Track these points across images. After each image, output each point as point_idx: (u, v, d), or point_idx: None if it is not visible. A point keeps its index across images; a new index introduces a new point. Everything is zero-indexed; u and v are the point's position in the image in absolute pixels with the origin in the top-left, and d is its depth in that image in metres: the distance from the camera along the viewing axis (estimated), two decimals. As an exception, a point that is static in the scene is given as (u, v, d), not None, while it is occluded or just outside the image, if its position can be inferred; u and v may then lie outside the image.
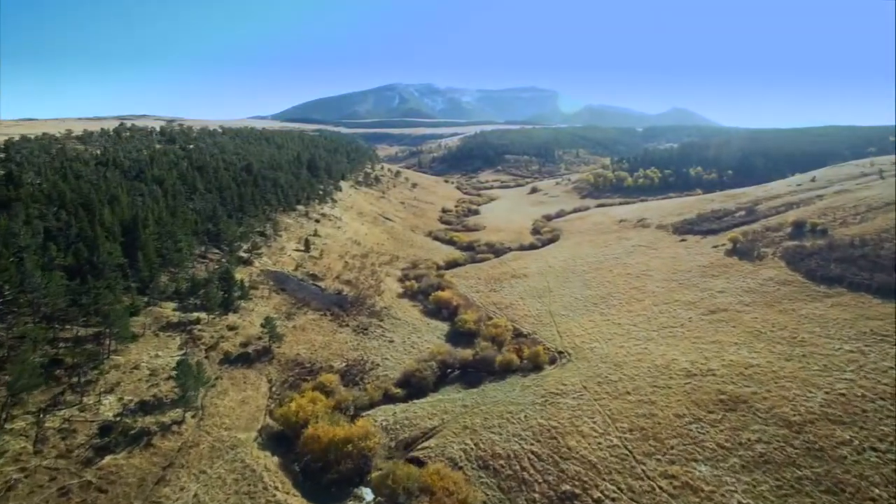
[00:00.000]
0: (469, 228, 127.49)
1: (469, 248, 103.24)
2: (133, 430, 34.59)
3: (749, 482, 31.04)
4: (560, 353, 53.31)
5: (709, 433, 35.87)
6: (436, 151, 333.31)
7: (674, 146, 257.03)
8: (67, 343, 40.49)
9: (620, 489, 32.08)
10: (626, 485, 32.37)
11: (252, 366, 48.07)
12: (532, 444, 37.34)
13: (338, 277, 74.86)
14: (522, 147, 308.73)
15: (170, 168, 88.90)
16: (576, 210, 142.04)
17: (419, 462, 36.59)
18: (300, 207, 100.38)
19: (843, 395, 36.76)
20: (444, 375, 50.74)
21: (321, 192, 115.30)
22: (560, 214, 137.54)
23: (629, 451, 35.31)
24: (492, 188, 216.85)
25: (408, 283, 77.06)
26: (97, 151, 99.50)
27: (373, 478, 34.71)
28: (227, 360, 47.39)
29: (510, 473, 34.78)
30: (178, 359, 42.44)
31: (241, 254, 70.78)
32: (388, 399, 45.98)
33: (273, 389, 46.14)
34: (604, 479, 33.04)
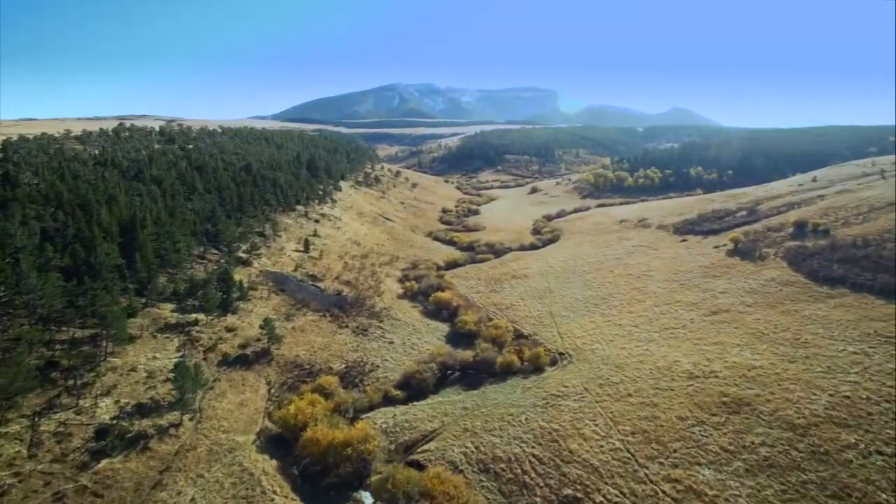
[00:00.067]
0: (469, 228, 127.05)
1: (469, 249, 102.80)
2: (130, 434, 34.21)
3: (753, 486, 30.64)
4: (561, 355, 52.92)
5: (712, 436, 35.47)
6: (436, 151, 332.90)
7: (674, 146, 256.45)
8: (63, 345, 40.07)
9: (623, 493, 31.68)
10: (629, 489, 31.97)
11: (251, 368, 47.68)
12: (533, 447, 36.94)
13: (337, 278, 74.46)
14: (522, 147, 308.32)
15: (168, 168, 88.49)
16: (576, 210, 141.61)
17: (419, 465, 36.19)
18: (300, 208, 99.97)
19: (848, 398, 36.37)
20: (445, 377, 50.34)
21: (321, 193, 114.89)
22: (560, 214, 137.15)
23: (631, 455, 34.92)
24: (492, 188, 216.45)
25: (408, 284, 76.67)
26: (95, 151, 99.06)
27: (372, 482, 34.33)
28: (226, 362, 46.99)
29: (511, 477, 34.38)
30: (176, 361, 42.08)
31: (240, 254, 70.37)
32: (388, 401, 45.61)
33: (272, 391, 45.76)
34: (606, 484, 32.65)
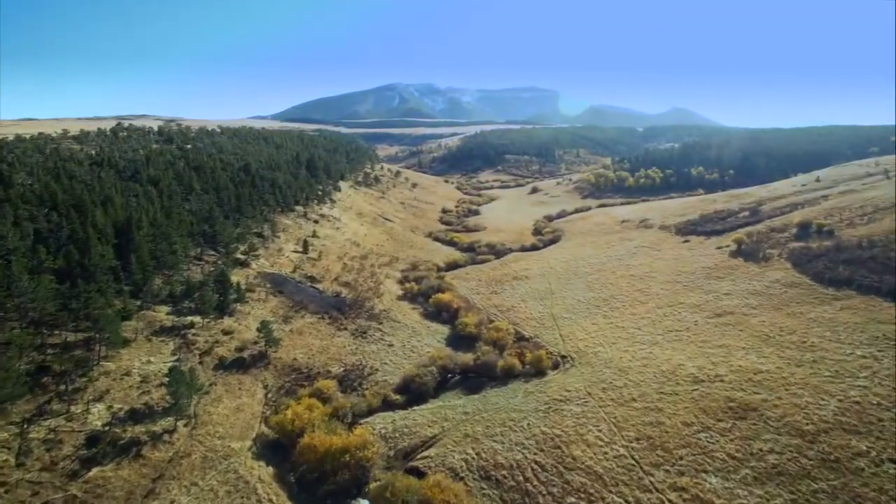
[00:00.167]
0: (469, 229, 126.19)
1: (469, 249, 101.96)
2: (122, 441, 33.37)
3: (762, 495, 29.79)
4: (563, 358, 52.08)
5: (719, 443, 34.64)
6: (436, 151, 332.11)
7: (675, 146, 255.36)
8: (55, 349, 39.21)
9: (628, 502, 30.85)
10: (634, 497, 31.13)
11: (247, 371, 46.84)
12: (536, 454, 36.11)
13: (336, 279, 73.62)
14: (523, 147, 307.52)
15: (166, 168, 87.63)
16: (577, 210, 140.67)
17: (419, 472, 35.35)
18: (298, 208, 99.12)
19: (858, 403, 35.52)
20: (445, 381, 49.51)
21: (320, 193, 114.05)
22: (561, 215, 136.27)
23: (636, 462, 34.08)
24: (492, 188, 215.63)
25: (407, 285, 75.87)
26: (92, 151, 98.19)
27: (371, 489, 33.50)
28: (222, 366, 46.14)
29: (513, 485, 33.54)
30: (171, 365, 41.22)
31: (238, 255, 69.51)
32: (387, 406, 44.78)
33: (269, 396, 44.92)
34: (610, 492, 31.81)
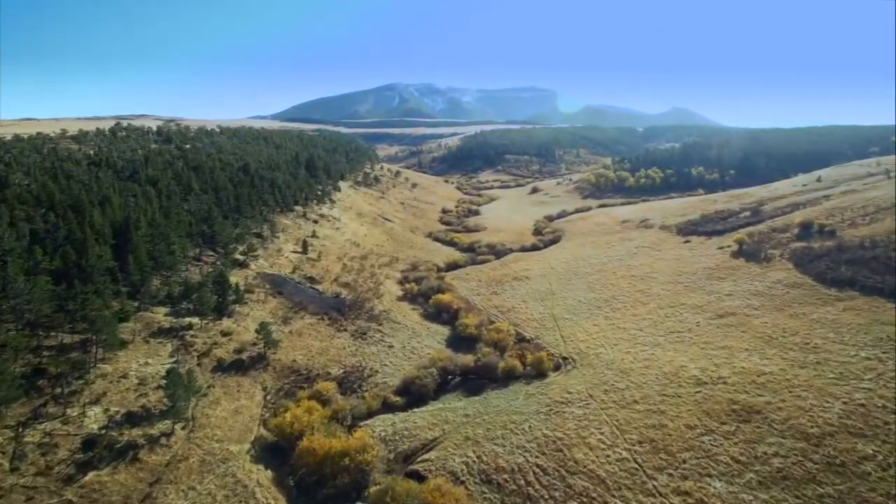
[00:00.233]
0: (469, 229, 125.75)
1: (470, 250, 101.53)
2: (119, 444, 32.96)
3: (767, 500, 29.41)
4: (564, 360, 51.69)
5: (722, 446, 34.26)
6: (436, 151, 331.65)
7: (675, 146, 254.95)
8: (51, 351, 38.81)
9: (631, 507, 30.47)
10: (637, 502, 30.74)
11: (246, 373, 46.44)
12: (537, 457, 35.72)
13: (336, 280, 73.22)
14: (523, 147, 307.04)
15: (164, 168, 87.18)
16: (577, 210, 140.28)
17: (419, 476, 34.96)
18: (298, 208, 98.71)
19: (863, 406, 35.16)
20: (445, 382, 49.10)
21: (319, 193, 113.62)
22: (562, 215, 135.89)
23: (639, 465, 33.70)
24: (492, 188, 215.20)
25: (407, 286, 75.46)
26: (90, 151, 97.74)
27: (370, 493, 33.05)
28: (221, 368, 45.72)
29: (514, 489, 33.15)
30: (169, 367, 40.81)
31: (237, 256, 69.11)
32: (387, 408, 44.35)
33: (268, 398, 44.53)
34: (613, 496, 31.43)
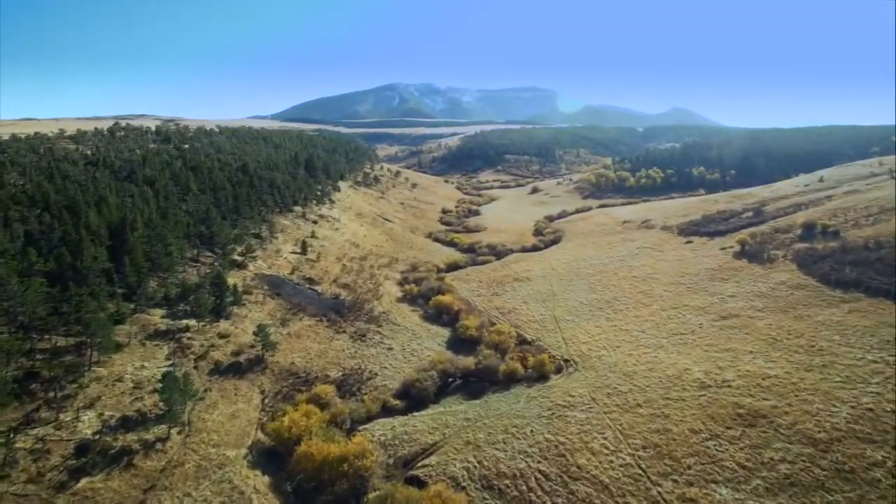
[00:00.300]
0: (470, 229, 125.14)
1: (470, 250, 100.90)
2: (113, 450, 32.31)
3: (775, 507, 28.82)
4: (566, 362, 51.09)
5: (728, 451, 33.65)
6: (436, 151, 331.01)
7: (675, 146, 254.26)
8: (45, 354, 38.16)
9: (635, 514, 29.88)
10: (642, 509, 30.14)
11: (244, 376, 45.79)
12: (539, 462, 35.12)
13: (335, 281, 72.59)
14: (523, 147, 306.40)
15: (163, 168, 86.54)
16: (578, 211, 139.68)
17: (419, 482, 34.36)
18: (297, 208, 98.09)
19: (871, 410, 34.54)
20: (446, 385, 48.48)
21: (319, 193, 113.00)
22: (562, 215, 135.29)
23: (643, 471, 33.09)
24: (492, 188, 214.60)
25: (407, 287, 74.85)
26: (88, 151, 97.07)
27: (370, 499, 32.43)
28: (218, 371, 45.08)
29: (516, 495, 32.54)
30: (165, 370, 40.19)
31: (235, 257, 68.47)
32: (387, 411, 43.75)
33: (266, 401, 43.87)
34: (617, 503, 30.82)
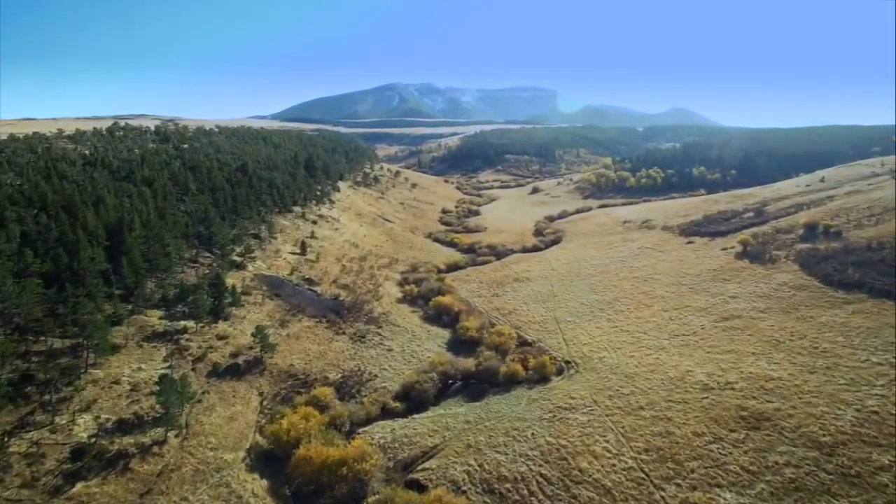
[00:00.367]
0: (470, 230, 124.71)
1: (470, 251, 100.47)
2: (109, 453, 31.93)
3: (780, 512, 28.43)
4: (567, 363, 50.68)
5: (732, 455, 33.26)
6: (435, 151, 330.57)
7: (676, 146, 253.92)
8: (41, 357, 37.76)
9: (639, 519, 29.47)
10: (645, 514, 29.75)
11: (242, 378, 45.39)
12: (541, 466, 34.72)
13: (335, 282, 72.19)
14: (522, 147, 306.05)
15: (161, 168, 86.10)
16: (578, 211, 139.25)
17: (419, 485, 33.98)
18: (296, 208, 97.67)
19: (876, 413, 34.14)
20: (446, 387, 48.11)
21: (318, 193, 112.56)
22: (562, 215, 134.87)
23: (646, 475, 32.69)
24: (492, 188, 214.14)
25: (407, 288, 74.43)
26: (86, 151, 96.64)
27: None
28: (216, 373, 44.68)
29: (518, 499, 32.14)
30: (162, 372, 39.79)
31: (234, 257, 68.03)
32: (387, 414, 43.37)
33: (264, 403, 43.49)
34: (620, 507, 30.42)
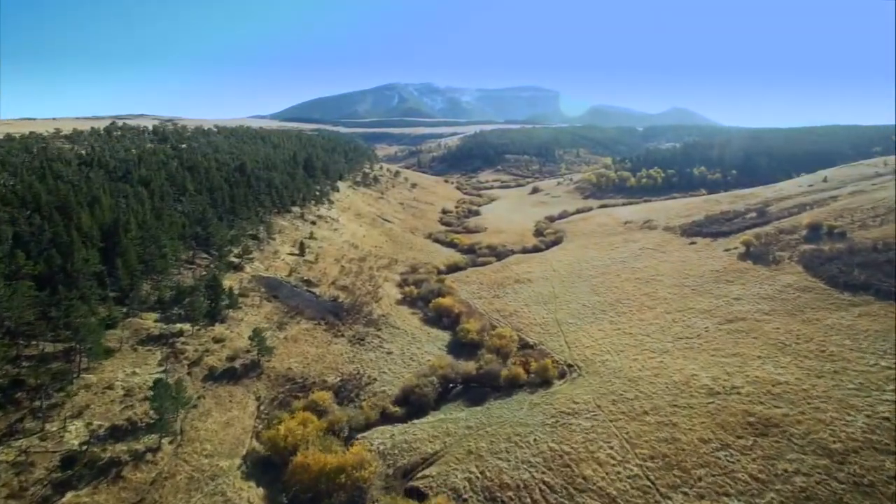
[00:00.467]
0: (470, 230, 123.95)
1: (470, 251, 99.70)
2: (101, 461, 31.09)
3: (790, 522, 27.66)
4: (569, 367, 49.90)
5: (740, 462, 32.48)
6: (435, 151, 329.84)
7: (676, 146, 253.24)
8: (32, 361, 36.91)
9: (645, 529, 28.69)
10: (651, 523, 28.98)
11: (239, 382, 44.55)
12: (543, 473, 33.93)
13: (334, 283, 71.37)
14: (522, 147, 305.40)
15: (158, 168, 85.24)
16: (579, 211, 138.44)
17: (419, 494, 33.19)
18: (295, 209, 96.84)
19: (888, 420, 33.37)
20: (446, 391, 47.31)
21: (317, 193, 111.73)
22: (563, 215, 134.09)
23: (652, 483, 31.91)
24: (492, 188, 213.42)
25: (407, 289, 73.62)
26: (82, 151, 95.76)
27: (368, 513, 31.30)
28: (212, 377, 43.83)
29: (520, 508, 31.35)
30: (157, 376, 38.94)
31: (232, 258, 67.19)
32: (386, 419, 42.53)
33: (261, 408, 42.65)
34: (625, 517, 29.64)
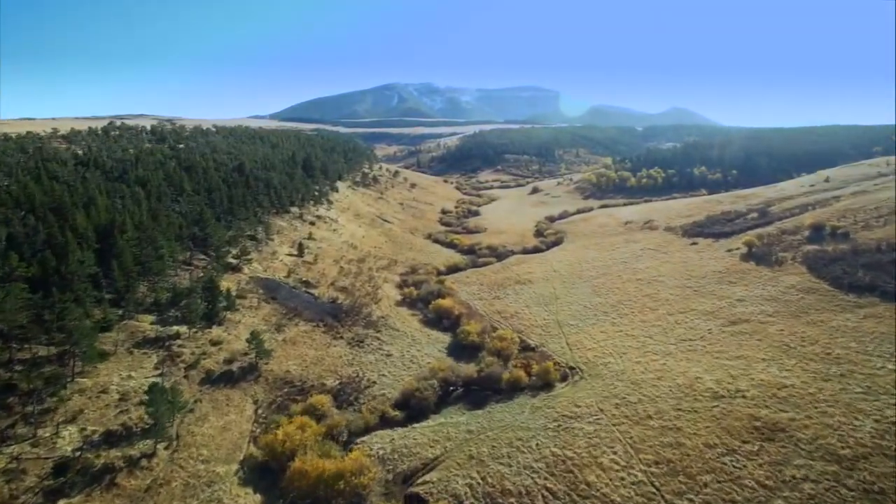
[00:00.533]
0: (470, 230, 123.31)
1: (470, 252, 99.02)
2: (94, 468, 30.45)
3: (799, 531, 27.05)
4: (571, 370, 49.27)
5: (746, 468, 31.86)
6: (435, 151, 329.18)
7: (676, 146, 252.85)
8: (24, 365, 36.24)
9: (650, 537, 28.07)
10: (657, 531, 28.35)
11: (236, 385, 43.91)
12: (546, 479, 33.30)
13: (332, 284, 70.72)
14: (522, 147, 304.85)
15: (156, 168, 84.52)
16: (579, 211, 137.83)
17: (419, 500, 32.59)
18: (294, 209, 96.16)
19: (896, 425, 32.80)
20: (447, 394, 46.62)
21: (316, 193, 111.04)
22: (563, 216, 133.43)
23: (657, 490, 31.28)
24: (492, 188, 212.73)
25: (406, 290, 72.98)
26: (79, 151, 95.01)
27: (367, 520, 30.68)
28: (209, 380, 43.18)
29: (523, 515, 30.73)
30: (153, 380, 38.30)
31: (230, 260, 66.44)
32: (386, 422, 41.89)
33: (259, 412, 42.02)
34: (630, 524, 29.03)
